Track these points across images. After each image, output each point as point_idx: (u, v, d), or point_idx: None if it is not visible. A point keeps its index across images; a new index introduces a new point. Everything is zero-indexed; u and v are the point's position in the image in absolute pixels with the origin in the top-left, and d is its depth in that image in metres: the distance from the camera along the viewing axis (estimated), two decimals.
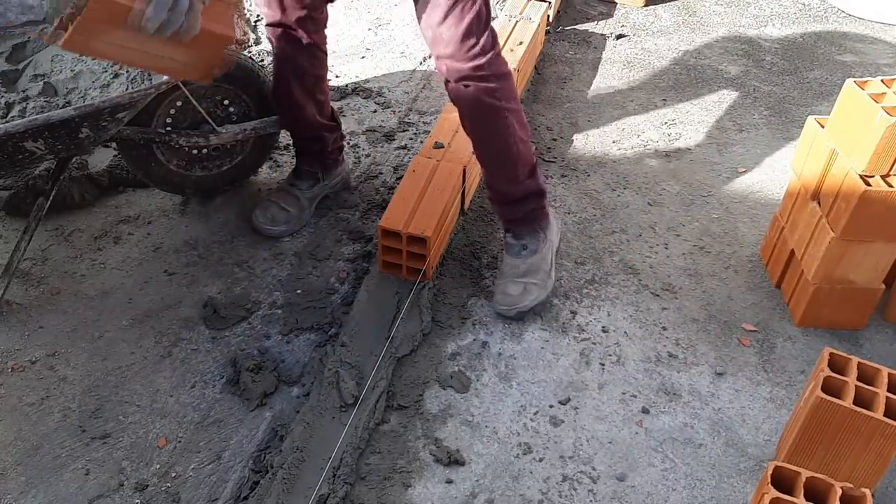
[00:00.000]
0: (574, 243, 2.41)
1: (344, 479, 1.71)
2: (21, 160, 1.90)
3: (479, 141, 2.10)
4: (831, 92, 3.20)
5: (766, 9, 3.87)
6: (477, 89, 1.96)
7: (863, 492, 1.39)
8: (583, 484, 1.77)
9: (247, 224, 2.39)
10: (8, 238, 2.31)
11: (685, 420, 1.92)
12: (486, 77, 1.95)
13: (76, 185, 2.41)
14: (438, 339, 2.08)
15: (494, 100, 1.99)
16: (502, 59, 2.00)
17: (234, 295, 2.18)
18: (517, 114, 2.06)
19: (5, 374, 1.94)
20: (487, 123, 2.04)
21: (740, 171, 2.77)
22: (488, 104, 1.99)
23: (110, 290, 2.18)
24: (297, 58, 2.18)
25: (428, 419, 1.89)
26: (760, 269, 2.36)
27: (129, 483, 1.73)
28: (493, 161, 2.12)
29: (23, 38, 2.28)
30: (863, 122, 1.93)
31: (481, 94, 1.97)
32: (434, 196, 2.22)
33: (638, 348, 2.09)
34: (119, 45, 1.58)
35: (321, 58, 2.25)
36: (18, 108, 2.02)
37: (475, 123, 2.06)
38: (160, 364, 1.99)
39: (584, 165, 2.75)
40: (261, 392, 1.92)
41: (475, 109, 2.02)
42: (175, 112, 2.23)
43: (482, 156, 2.14)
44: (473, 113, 2.03)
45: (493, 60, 1.96)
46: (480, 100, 1.98)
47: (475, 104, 2.00)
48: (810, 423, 1.63)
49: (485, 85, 1.96)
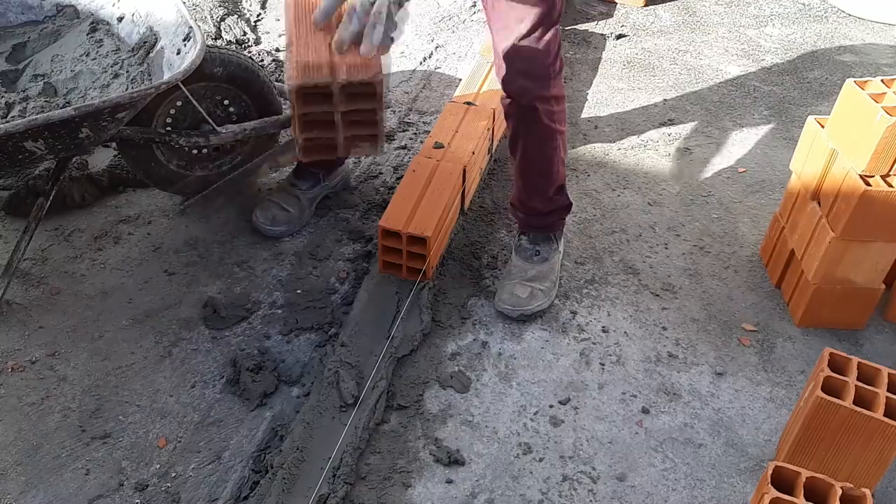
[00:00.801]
0: (574, 243, 2.41)
1: (344, 479, 1.71)
2: (21, 160, 1.90)
3: (526, 161, 2.09)
4: (831, 92, 3.20)
5: (766, 9, 3.87)
6: (543, 112, 1.96)
7: (863, 492, 1.39)
8: (583, 484, 1.77)
9: (247, 224, 2.39)
10: (8, 238, 2.31)
11: (685, 420, 1.92)
12: (550, 99, 1.95)
13: (76, 185, 2.41)
14: (438, 339, 2.08)
15: (553, 122, 2.00)
16: (562, 81, 2.01)
17: (234, 295, 2.18)
18: (564, 136, 2.08)
19: (5, 374, 1.94)
20: (541, 146, 2.04)
21: (740, 171, 2.77)
22: (547, 127, 2.00)
23: (110, 290, 2.18)
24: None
25: (428, 419, 1.89)
26: (760, 269, 2.36)
27: (129, 483, 1.73)
28: (533, 180, 2.13)
29: (23, 38, 2.28)
30: (863, 122, 1.93)
31: (544, 118, 1.97)
32: (434, 196, 2.22)
33: (638, 348, 2.09)
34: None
35: None
36: (18, 108, 2.01)
37: (529, 145, 2.05)
38: (160, 364, 1.99)
39: (584, 165, 2.75)
40: (261, 392, 1.92)
41: (536, 132, 2.01)
42: (175, 112, 2.23)
43: (524, 174, 2.13)
44: (532, 135, 2.02)
45: (560, 83, 1.97)
46: (542, 123, 1.98)
47: (537, 127, 1.99)
48: (810, 423, 1.63)
49: (549, 108, 1.96)
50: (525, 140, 2.05)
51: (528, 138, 2.04)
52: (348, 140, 1.68)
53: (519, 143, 2.06)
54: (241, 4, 3.50)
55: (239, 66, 2.23)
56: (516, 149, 2.08)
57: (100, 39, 2.21)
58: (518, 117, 2.01)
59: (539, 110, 1.96)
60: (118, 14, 2.25)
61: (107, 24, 2.26)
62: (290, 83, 1.54)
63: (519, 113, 1.99)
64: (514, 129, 2.06)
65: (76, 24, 2.30)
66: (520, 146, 2.07)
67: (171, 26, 2.12)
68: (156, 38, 2.15)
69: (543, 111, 1.97)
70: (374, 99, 1.60)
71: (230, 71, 2.22)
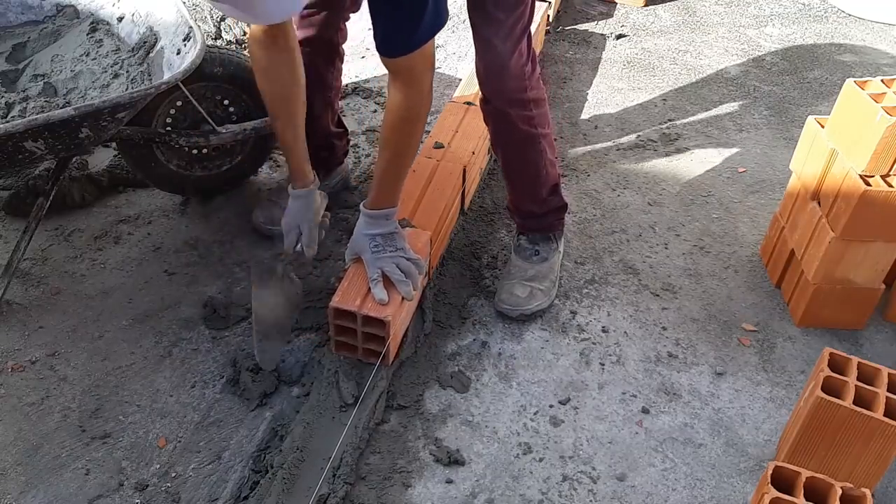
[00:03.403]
0: (574, 243, 2.41)
1: (344, 479, 1.71)
2: (21, 160, 1.90)
3: (510, 165, 2.09)
4: (831, 92, 3.20)
5: (766, 9, 3.87)
6: (517, 117, 1.95)
7: (863, 492, 1.39)
8: (583, 484, 1.77)
9: (247, 224, 2.39)
10: (8, 238, 2.31)
11: (685, 420, 1.92)
12: (526, 103, 1.94)
13: (76, 185, 2.41)
14: (438, 339, 2.08)
15: (531, 127, 1.99)
16: (541, 83, 1.99)
17: (234, 295, 2.18)
18: (549, 138, 2.06)
19: (5, 374, 1.94)
20: (521, 151, 2.03)
21: (740, 171, 2.77)
22: (524, 132, 1.98)
23: (110, 290, 2.18)
24: (324, 72, 2.20)
25: (428, 419, 1.89)
26: (760, 269, 2.36)
27: (129, 483, 1.73)
28: (521, 183, 2.13)
29: (23, 38, 2.28)
30: (863, 122, 1.93)
31: (519, 123, 1.96)
32: (434, 196, 2.22)
33: (638, 348, 2.09)
34: None
35: (340, 69, 2.29)
36: (18, 108, 2.01)
37: (509, 150, 2.05)
38: (160, 364, 1.99)
39: (584, 165, 2.75)
40: (261, 392, 1.92)
41: (511, 136, 2.01)
42: (175, 112, 2.23)
43: (511, 178, 2.13)
44: (509, 139, 2.02)
45: (536, 84, 1.95)
46: (517, 128, 1.97)
47: (512, 131, 1.98)
48: (810, 423, 1.63)
49: (524, 113, 1.95)
50: (504, 145, 2.05)
51: (507, 143, 2.04)
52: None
53: (499, 147, 2.07)
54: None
55: (239, 66, 2.23)
56: (498, 152, 2.10)
57: (100, 39, 2.21)
58: (494, 122, 2.01)
59: (512, 115, 1.95)
60: (118, 14, 2.25)
61: (107, 24, 2.26)
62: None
63: (494, 117, 1.99)
64: (492, 134, 2.06)
65: (76, 24, 2.30)
66: (500, 150, 2.08)
67: (171, 26, 2.12)
68: (156, 38, 2.16)
69: (517, 116, 1.95)
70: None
71: (230, 71, 2.22)
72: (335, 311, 1.87)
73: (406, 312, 1.97)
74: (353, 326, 1.87)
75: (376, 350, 1.89)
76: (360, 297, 1.87)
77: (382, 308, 1.84)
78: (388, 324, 1.83)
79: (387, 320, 1.82)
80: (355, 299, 1.86)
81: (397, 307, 1.86)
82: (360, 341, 1.89)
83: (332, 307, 1.86)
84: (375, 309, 1.84)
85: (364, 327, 1.86)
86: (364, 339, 1.89)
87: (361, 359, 1.93)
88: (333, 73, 2.25)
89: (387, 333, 1.85)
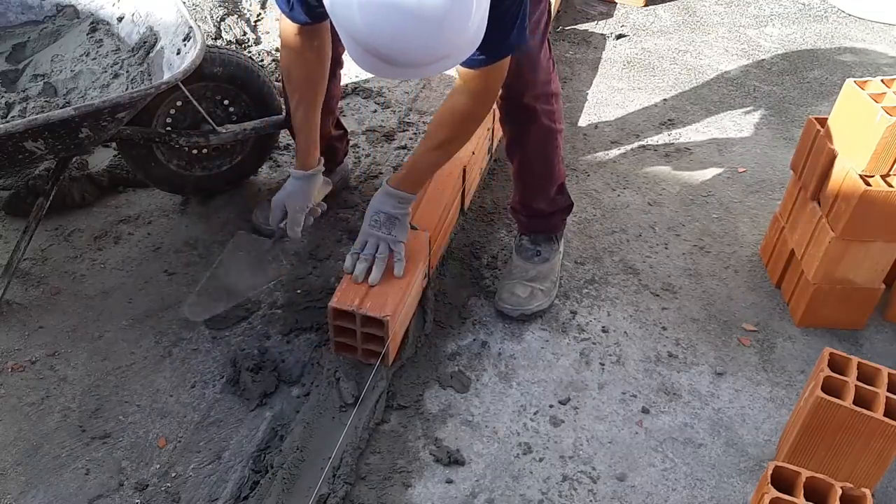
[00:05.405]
0: (574, 243, 2.41)
1: (344, 479, 1.71)
2: (21, 160, 1.90)
3: (528, 162, 2.08)
4: (831, 92, 3.20)
5: (766, 9, 3.87)
6: (542, 111, 1.94)
7: (863, 492, 1.39)
8: (583, 484, 1.77)
9: (247, 224, 2.39)
10: (8, 238, 2.31)
11: (685, 420, 1.92)
12: (549, 96, 1.93)
13: (76, 185, 2.41)
14: (438, 339, 2.08)
15: (552, 122, 1.99)
16: (557, 79, 1.98)
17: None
18: (562, 134, 2.07)
19: (5, 374, 1.94)
20: (542, 147, 2.03)
21: (740, 171, 2.77)
22: (546, 127, 1.98)
23: (110, 290, 2.18)
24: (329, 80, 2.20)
25: (428, 419, 1.89)
26: (760, 269, 2.36)
27: (129, 483, 1.73)
28: (536, 181, 2.12)
29: (23, 38, 2.28)
30: (863, 122, 1.93)
31: (543, 118, 1.95)
32: (434, 196, 2.22)
33: (638, 348, 2.09)
34: None
35: (340, 76, 2.30)
36: (18, 108, 2.01)
37: (529, 148, 2.04)
38: (160, 364, 1.99)
39: (584, 165, 2.75)
40: (261, 392, 1.91)
41: (535, 133, 2.00)
42: (175, 112, 2.23)
43: (526, 176, 2.12)
44: (532, 137, 2.01)
45: (556, 78, 1.95)
46: (541, 124, 1.96)
47: (536, 128, 1.98)
48: (810, 423, 1.63)
49: (547, 107, 1.95)
50: (525, 142, 2.04)
51: (528, 141, 2.03)
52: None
53: (519, 145, 2.06)
54: (241, 4, 3.49)
55: (239, 66, 2.23)
56: (515, 152, 2.08)
57: (100, 39, 2.21)
58: (517, 121, 2.00)
59: (538, 110, 1.96)
60: (118, 14, 2.25)
61: (107, 24, 2.26)
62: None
63: (520, 115, 1.98)
64: (513, 133, 2.05)
65: (76, 24, 2.30)
66: (520, 149, 2.06)
67: (171, 26, 2.12)
68: (156, 38, 2.16)
69: (542, 111, 1.96)
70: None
71: (230, 71, 2.22)
72: (334, 312, 1.86)
73: (406, 312, 1.96)
74: (353, 327, 1.86)
75: (376, 350, 1.88)
76: (359, 298, 1.86)
77: (382, 308, 1.84)
78: (387, 324, 1.82)
79: (385, 320, 1.82)
80: (354, 299, 1.86)
81: (397, 307, 1.86)
82: (359, 342, 1.89)
83: (332, 307, 1.86)
84: (375, 309, 1.84)
85: (363, 327, 1.86)
86: (363, 339, 1.88)
87: (361, 360, 1.93)
88: (334, 81, 2.25)
89: (386, 333, 1.84)
